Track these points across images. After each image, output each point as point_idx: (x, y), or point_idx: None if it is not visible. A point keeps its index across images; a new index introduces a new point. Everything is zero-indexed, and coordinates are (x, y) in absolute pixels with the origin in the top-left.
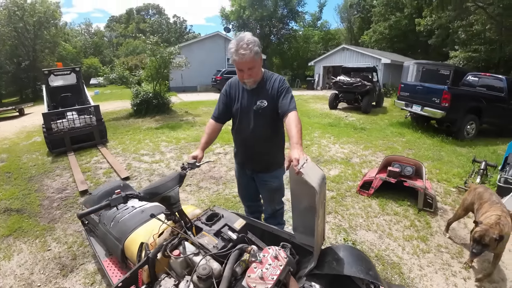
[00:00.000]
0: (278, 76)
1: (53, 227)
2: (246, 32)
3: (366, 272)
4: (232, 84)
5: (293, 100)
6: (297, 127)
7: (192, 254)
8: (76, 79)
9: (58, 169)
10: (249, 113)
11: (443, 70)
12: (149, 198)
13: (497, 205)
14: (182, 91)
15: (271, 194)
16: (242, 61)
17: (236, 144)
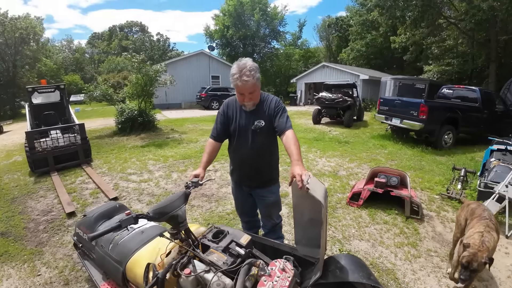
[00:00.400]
0: (274, 97)
1: (41, 251)
2: (247, 58)
3: (368, 278)
4: (230, 104)
5: (289, 120)
6: (296, 144)
7: (203, 272)
8: (60, 97)
9: (42, 190)
10: (247, 132)
11: (418, 84)
12: (158, 217)
13: (483, 221)
14: (166, 108)
15: (269, 208)
16: (245, 86)
17: (234, 162)
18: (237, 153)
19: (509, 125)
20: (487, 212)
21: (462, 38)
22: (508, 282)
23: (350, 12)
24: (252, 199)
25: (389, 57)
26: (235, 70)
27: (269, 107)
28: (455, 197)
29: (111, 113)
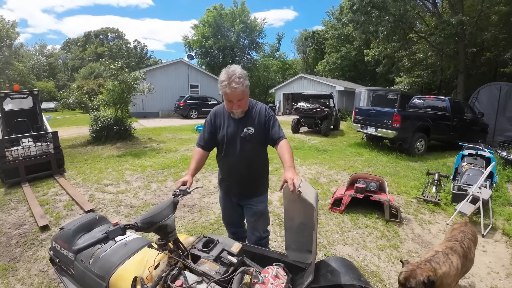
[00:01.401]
0: (263, 105)
1: (14, 267)
2: (236, 66)
3: (358, 279)
4: (217, 113)
5: (281, 128)
6: (289, 152)
7: (196, 283)
8: (32, 103)
9: (13, 202)
10: (235, 140)
11: (390, 95)
12: (147, 228)
13: (450, 242)
14: (143, 117)
15: (256, 219)
16: (234, 94)
17: (222, 170)
18: (226, 161)
19: (477, 132)
20: (462, 234)
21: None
22: (488, 278)
23: (326, 26)
24: (240, 209)
25: (362, 69)
26: (224, 77)
27: (258, 114)
28: (430, 200)
29: (84, 122)
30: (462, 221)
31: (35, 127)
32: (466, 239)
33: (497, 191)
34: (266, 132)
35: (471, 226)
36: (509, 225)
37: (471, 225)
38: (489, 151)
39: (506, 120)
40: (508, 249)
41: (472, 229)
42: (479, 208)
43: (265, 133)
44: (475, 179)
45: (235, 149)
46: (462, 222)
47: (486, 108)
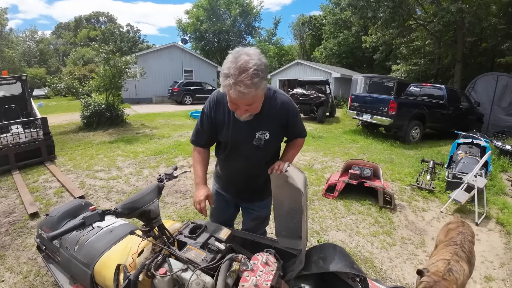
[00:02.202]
0: (284, 97)
1: (3, 255)
2: (251, 51)
3: (351, 266)
4: (219, 104)
5: (303, 124)
6: (296, 150)
7: (180, 271)
8: (21, 89)
9: (3, 190)
10: (243, 147)
11: (387, 83)
12: (127, 213)
13: (452, 247)
14: (136, 102)
15: (258, 223)
16: (241, 99)
17: (222, 171)
18: (228, 165)
19: (473, 121)
20: (461, 236)
21: (430, 39)
22: (482, 267)
23: (324, 11)
24: (236, 210)
25: (359, 56)
26: (230, 70)
27: (278, 112)
28: (424, 188)
29: (76, 108)
30: (458, 220)
31: (25, 114)
32: (467, 242)
33: (491, 181)
34: (285, 132)
35: (468, 226)
36: (503, 215)
37: (468, 225)
38: (485, 140)
39: (502, 111)
40: (501, 239)
41: (470, 229)
42: (473, 196)
43: (284, 133)
44: (470, 167)
45: (243, 155)
46: (459, 221)
47: (482, 98)
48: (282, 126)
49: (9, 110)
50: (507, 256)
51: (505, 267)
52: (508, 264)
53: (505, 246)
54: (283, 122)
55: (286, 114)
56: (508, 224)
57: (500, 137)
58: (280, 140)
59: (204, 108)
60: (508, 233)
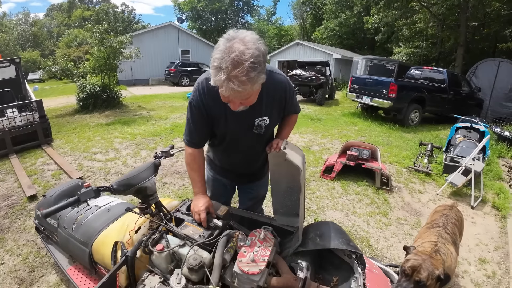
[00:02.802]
0: (282, 77)
1: (3, 238)
2: (247, 36)
3: (348, 244)
4: (210, 95)
5: (297, 99)
6: (291, 126)
7: (178, 247)
8: (15, 72)
9: (1, 174)
10: (243, 137)
11: (388, 65)
12: (123, 190)
13: (435, 229)
14: (133, 84)
15: (255, 202)
16: (234, 97)
17: (220, 161)
18: (226, 156)
19: (472, 106)
20: (444, 219)
21: (432, 22)
22: (477, 249)
23: None
24: (232, 190)
25: (361, 38)
26: (223, 63)
27: (278, 95)
28: (422, 170)
29: (72, 91)
30: (448, 204)
31: (20, 97)
32: (449, 224)
33: (489, 166)
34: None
35: (457, 211)
36: (499, 199)
37: (457, 209)
38: (484, 125)
39: (502, 97)
40: (497, 223)
41: (458, 214)
42: (470, 180)
43: (282, 114)
44: (468, 151)
45: (242, 147)
46: (447, 205)
47: (483, 84)
48: (280, 108)
49: (4, 94)
50: (502, 240)
51: (499, 250)
52: (502, 247)
53: (500, 230)
54: (282, 103)
55: (284, 95)
56: (504, 209)
57: (499, 123)
58: (279, 121)
59: (191, 100)
60: (504, 218)
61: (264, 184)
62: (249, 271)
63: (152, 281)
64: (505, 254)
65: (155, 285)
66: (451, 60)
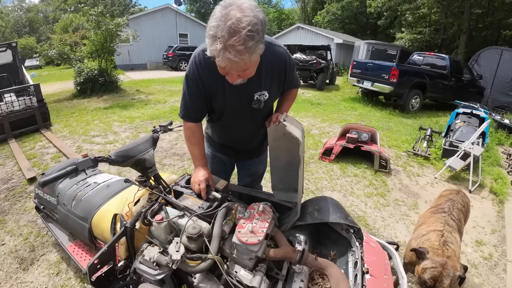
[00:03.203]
0: (281, 49)
1: (3, 220)
2: (244, 2)
3: (346, 218)
4: (207, 68)
5: (296, 73)
6: (291, 101)
7: (177, 217)
8: (12, 57)
9: (0, 159)
10: (241, 112)
11: (390, 50)
12: (121, 161)
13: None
14: (130, 69)
15: (254, 179)
16: (230, 68)
17: (219, 138)
18: (224, 132)
19: (473, 94)
20: (450, 204)
21: (436, 7)
22: (473, 232)
23: None
24: (231, 167)
25: (363, 23)
26: (219, 31)
27: (277, 69)
28: (420, 154)
29: (69, 77)
30: (454, 189)
31: (17, 82)
32: (455, 210)
33: (487, 152)
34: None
35: (463, 195)
36: (497, 184)
37: (464, 194)
38: (484, 111)
39: (503, 86)
40: (494, 207)
41: (465, 199)
42: (468, 165)
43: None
44: (467, 136)
45: (241, 122)
46: (454, 190)
47: (485, 72)
48: (280, 82)
49: (1, 79)
50: (499, 223)
51: (496, 233)
52: (499, 231)
53: (497, 214)
54: (281, 77)
55: (284, 68)
56: (502, 194)
57: (499, 112)
58: (279, 96)
59: (188, 73)
60: (501, 202)
61: (262, 161)
62: (247, 241)
63: (151, 251)
64: (501, 237)
65: (154, 255)
66: (453, 47)
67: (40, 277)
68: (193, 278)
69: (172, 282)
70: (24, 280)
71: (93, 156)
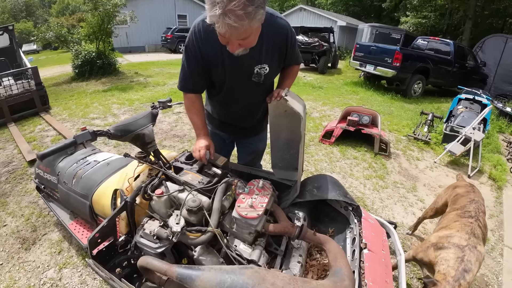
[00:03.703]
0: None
1: (5, 202)
2: None
3: (345, 196)
4: (207, 38)
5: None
6: (293, 78)
7: (177, 192)
8: (9, 41)
9: (0, 142)
10: (241, 85)
11: (394, 34)
12: (120, 135)
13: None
14: (128, 52)
15: (254, 157)
16: (231, 35)
17: (219, 114)
18: (224, 107)
19: (476, 81)
20: (475, 206)
21: None
22: None
23: None
24: (231, 145)
25: (368, 5)
26: None
27: (278, 42)
28: (421, 139)
29: (67, 60)
30: (467, 184)
31: (15, 66)
32: (481, 214)
33: (488, 139)
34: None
35: (479, 192)
36: (496, 171)
37: (478, 190)
38: (487, 98)
39: (506, 74)
40: (492, 193)
41: (481, 195)
42: (468, 150)
43: (282, 63)
44: (469, 121)
45: (241, 97)
46: (467, 185)
47: (489, 59)
48: (281, 56)
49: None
50: (497, 209)
51: (494, 218)
52: (497, 216)
53: (496, 200)
54: (282, 51)
55: (285, 42)
56: (500, 180)
57: (501, 100)
58: (279, 71)
59: (187, 44)
60: (500, 188)
61: (262, 139)
62: (247, 216)
63: (151, 225)
64: (499, 222)
65: (154, 228)
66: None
67: (42, 256)
68: (194, 252)
69: (172, 255)
70: (26, 260)
71: (92, 129)
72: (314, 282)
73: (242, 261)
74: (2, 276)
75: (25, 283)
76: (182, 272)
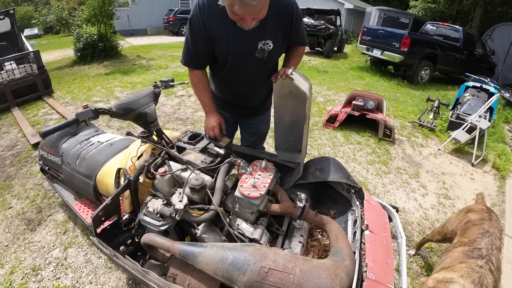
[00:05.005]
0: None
1: (10, 185)
2: None
3: (347, 178)
4: (211, 11)
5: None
6: (298, 59)
7: (180, 171)
8: (10, 25)
9: (4, 127)
10: (245, 61)
11: (403, 18)
12: (122, 114)
13: (476, 262)
14: (130, 34)
15: (257, 138)
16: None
17: (221, 92)
18: (228, 85)
19: (484, 70)
20: (488, 241)
21: None
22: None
23: None
24: (234, 126)
25: None
26: None
27: (283, 19)
28: (426, 125)
29: (69, 44)
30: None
31: (16, 50)
32: (495, 251)
33: (494, 128)
34: (288, 39)
35: (496, 220)
36: (500, 160)
37: (496, 217)
38: (495, 86)
39: None
40: (495, 182)
41: (499, 225)
42: (473, 138)
43: (287, 41)
44: (475, 109)
45: (244, 73)
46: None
47: (498, 48)
48: (285, 33)
49: (1, 48)
50: (499, 198)
51: (496, 207)
52: (499, 205)
53: (498, 189)
54: (287, 28)
55: (290, 19)
56: (504, 170)
57: (509, 90)
58: (283, 50)
59: (192, 17)
60: (503, 178)
61: (265, 120)
62: (249, 195)
63: (155, 203)
64: (501, 212)
65: (158, 206)
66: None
67: (48, 236)
68: (196, 230)
69: (176, 233)
70: (32, 240)
71: (94, 107)
72: (315, 260)
73: (244, 240)
74: (8, 257)
75: (31, 263)
76: (185, 248)
